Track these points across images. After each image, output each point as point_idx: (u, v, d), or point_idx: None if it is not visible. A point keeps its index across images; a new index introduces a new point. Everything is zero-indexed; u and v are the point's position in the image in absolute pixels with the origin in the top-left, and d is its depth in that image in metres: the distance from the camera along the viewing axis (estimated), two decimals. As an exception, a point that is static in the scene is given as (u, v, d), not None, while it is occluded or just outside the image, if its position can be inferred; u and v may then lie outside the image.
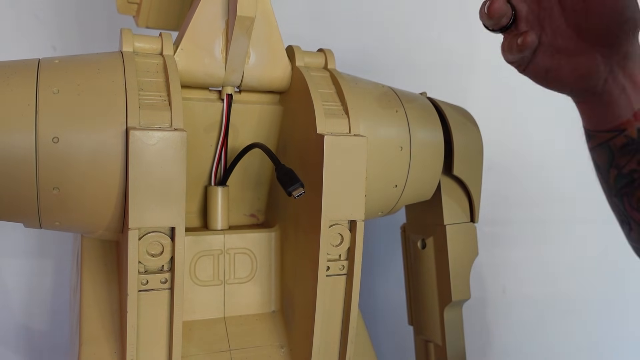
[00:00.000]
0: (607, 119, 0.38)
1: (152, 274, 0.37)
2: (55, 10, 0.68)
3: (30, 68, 0.36)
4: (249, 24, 0.39)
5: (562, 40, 0.38)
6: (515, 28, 0.40)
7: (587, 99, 0.39)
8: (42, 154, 0.34)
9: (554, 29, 0.38)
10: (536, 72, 0.40)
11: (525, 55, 0.39)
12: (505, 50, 0.41)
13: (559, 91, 0.41)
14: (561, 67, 0.39)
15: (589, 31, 0.36)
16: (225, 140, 0.44)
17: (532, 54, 0.39)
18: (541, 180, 0.82)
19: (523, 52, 0.39)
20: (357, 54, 0.72)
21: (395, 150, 0.45)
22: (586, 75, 0.38)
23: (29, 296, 0.71)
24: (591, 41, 0.36)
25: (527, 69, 0.40)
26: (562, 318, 0.83)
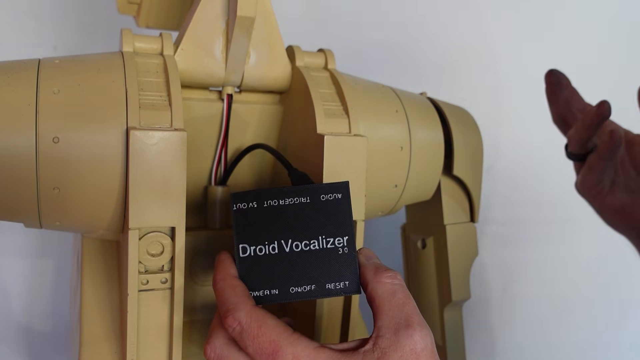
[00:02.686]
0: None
1: (152, 273, 0.37)
2: (55, 10, 0.68)
3: (30, 68, 0.36)
4: (249, 24, 0.39)
5: (635, 185, 0.38)
6: (595, 157, 0.39)
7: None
8: (42, 154, 0.34)
9: (625, 175, 0.38)
10: (612, 205, 0.40)
11: (604, 185, 0.39)
12: (586, 172, 0.40)
13: (627, 233, 0.41)
14: (637, 206, 0.39)
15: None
16: (225, 140, 0.44)
17: (610, 186, 0.39)
18: (541, 180, 0.82)
19: (612, 149, 0.39)
20: (357, 54, 0.72)
21: (395, 150, 0.45)
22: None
23: (29, 296, 0.71)
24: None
25: (603, 202, 0.40)
26: (563, 318, 0.83)
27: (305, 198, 0.34)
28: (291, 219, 0.33)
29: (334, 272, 0.33)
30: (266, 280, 0.33)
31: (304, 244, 0.33)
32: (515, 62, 0.80)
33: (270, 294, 0.33)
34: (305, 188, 0.34)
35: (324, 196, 0.34)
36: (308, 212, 0.33)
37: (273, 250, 0.33)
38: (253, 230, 0.33)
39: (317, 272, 0.33)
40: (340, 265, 0.33)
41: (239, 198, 0.33)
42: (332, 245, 0.33)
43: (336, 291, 0.33)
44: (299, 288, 0.33)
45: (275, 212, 0.33)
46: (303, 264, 0.33)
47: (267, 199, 0.33)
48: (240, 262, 0.33)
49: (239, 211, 0.33)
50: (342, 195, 0.34)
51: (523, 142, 0.81)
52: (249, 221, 0.33)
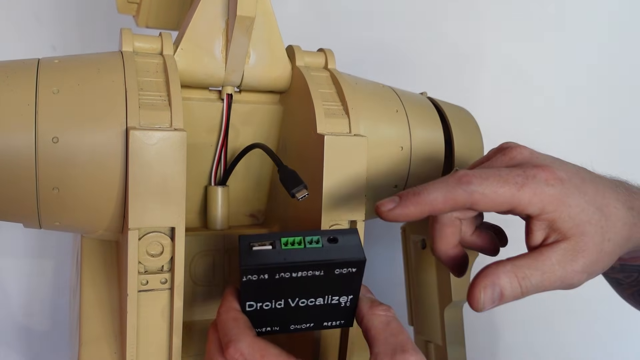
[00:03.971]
0: None
1: (152, 274, 0.37)
2: (55, 10, 0.68)
3: (29, 68, 0.36)
4: (249, 24, 0.39)
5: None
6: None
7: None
8: (42, 154, 0.34)
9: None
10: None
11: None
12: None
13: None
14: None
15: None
16: (225, 140, 0.44)
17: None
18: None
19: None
20: (357, 54, 0.72)
21: (395, 150, 0.45)
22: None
23: (29, 296, 0.71)
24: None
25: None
26: (563, 318, 0.83)
27: (319, 272, 0.32)
28: (301, 287, 0.33)
29: (334, 316, 0.35)
30: (268, 323, 0.35)
31: (309, 301, 0.34)
32: (515, 62, 0.80)
33: (271, 330, 0.35)
34: (321, 263, 0.32)
35: (338, 270, 0.33)
36: (319, 284, 0.33)
37: (279, 305, 0.34)
38: (261, 294, 0.33)
39: (317, 315, 0.35)
40: (339, 312, 0.35)
41: (250, 270, 0.31)
42: (336, 302, 0.34)
43: (331, 327, 0.36)
44: (298, 326, 0.35)
45: (287, 282, 0.32)
46: (305, 312, 0.35)
47: (279, 272, 0.32)
48: (246, 312, 0.34)
49: (249, 282, 0.32)
50: (357, 270, 0.33)
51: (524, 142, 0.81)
52: (257, 289, 0.33)
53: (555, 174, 0.33)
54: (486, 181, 0.32)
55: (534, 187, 0.32)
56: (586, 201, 0.33)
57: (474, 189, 0.32)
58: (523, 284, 0.33)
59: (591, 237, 0.33)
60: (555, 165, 0.34)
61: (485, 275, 0.33)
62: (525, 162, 0.35)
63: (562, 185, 0.33)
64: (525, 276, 0.33)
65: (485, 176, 0.33)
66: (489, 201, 0.32)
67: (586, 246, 0.33)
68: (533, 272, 0.33)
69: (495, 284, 0.33)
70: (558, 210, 0.33)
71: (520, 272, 0.33)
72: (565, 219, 0.33)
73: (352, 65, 0.51)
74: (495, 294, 0.33)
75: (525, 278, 0.33)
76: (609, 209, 0.34)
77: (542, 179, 0.33)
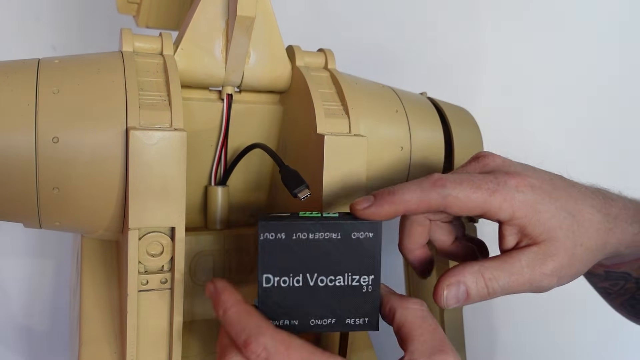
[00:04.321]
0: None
1: (152, 274, 0.37)
2: (55, 10, 0.68)
3: (30, 68, 0.36)
4: (249, 24, 0.39)
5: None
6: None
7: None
8: (42, 154, 0.34)
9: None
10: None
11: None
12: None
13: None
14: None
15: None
16: (225, 140, 0.44)
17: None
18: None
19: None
20: (357, 54, 0.72)
21: (395, 150, 0.45)
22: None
23: (29, 296, 0.71)
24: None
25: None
26: (563, 318, 0.83)
27: (336, 234, 0.33)
28: (319, 254, 0.33)
29: (356, 308, 0.33)
30: (287, 311, 0.33)
31: (329, 279, 0.33)
32: (515, 62, 0.80)
33: (289, 325, 0.33)
34: (338, 224, 0.33)
35: (355, 234, 0.33)
36: (337, 249, 0.33)
37: (297, 282, 0.33)
38: (278, 262, 0.32)
39: (338, 306, 0.33)
40: (362, 302, 0.34)
41: (267, 227, 0.32)
42: (357, 283, 0.33)
43: (355, 327, 0.34)
44: (319, 321, 0.33)
45: (304, 245, 0.32)
46: (326, 297, 0.33)
47: (296, 232, 0.32)
48: (263, 291, 0.32)
49: (266, 241, 0.32)
50: (374, 234, 0.33)
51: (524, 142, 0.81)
52: (275, 252, 0.32)
53: (525, 180, 0.34)
54: (460, 186, 0.33)
55: (504, 193, 0.33)
56: (557, 207, 0.34)
57: (448, 192, 0.33)
58: (490, 284, 0.33)
59: (562, 241, 0.34)
60: (527, 172, 0.35)
61: (451, 273, 0.34)
62: (497, 169, 0.36)
63: (533, 192, 0.34)
64: (493, 277, 0.33)
65: (459, 181, 0.33)
66: (462, 205, 0.33)
67: (556, 250, 0.34)
68: (500, 273, 0.34)
69: (461, 283, 0.33)
70: (528, 215, 0.34)
71: (487, 272, 0.34)
72: (535, 224, 0.34)
73: (352, 65, 0.51)
74: (460, 292, 0.34)
75: (492, 279, 0.33)
76: (581, 214, 0.35)
77: (513, 186, 0.34)
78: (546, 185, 0.35)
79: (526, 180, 0.34)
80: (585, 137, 0.82)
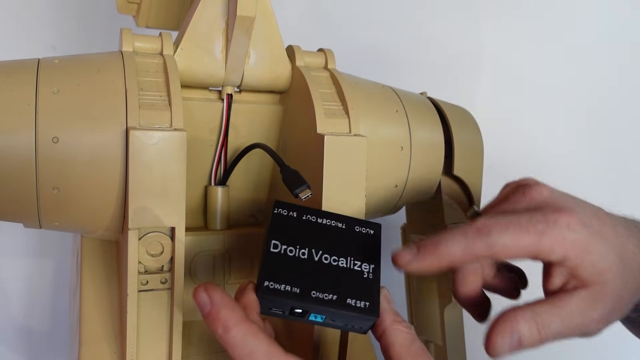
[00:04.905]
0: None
1: (152, 274, 0.37)
2: (54, 9, 0.68)
3: (29, 68, 0.36)
4: (249, 24, 0.39)
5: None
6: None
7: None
8: (42, 154, 0.34)
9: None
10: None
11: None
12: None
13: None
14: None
15: None
16: (225, 140, 0.44)
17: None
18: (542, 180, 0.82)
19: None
20: (357, 54, 0.72)
21: (395, 150, 0.45)
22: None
23: (29, 296, 0.71)
24: None
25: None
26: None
27: (341, 224, 0.36)
28: (325, 235, 0.35)
29: (357, 290, 0.33)
30: (290, 277, 0.32)
31: (332, 258, 0.34)
32: (515, 62, 0.80)
33: (290, 291, 0.32)
34: (343, 216, 0.36)
35: (358, 228, 0.36)
36: (341, 236, 0.35)
37: (303, 255, 0.34)
38: (287, 233, 0.34)
39: (340, 284, 0.33)
40: (363, 286, 0.34)
41: (281, 205, 0.35)
42: (358, 268, 0.34)
43: (356, 309, 0.33)
44: (320, 294, 0.32)
45: (312, 226, 0.35)
46: (328, 274, 0.33)
47: (306, 214, 0.35)
48: (269, 255, 0.33)
49: (279, 215, 0.35)
50: (374, 232, 0.36)
51: (525, 142, 0.81)
52: (285, 225, 0.34)
53: (577, 217, 0.32)
54: (507, 231, 0.31)
55: (555, 233, 0.31)
56: (607, 247, 0.32)
57: (495, 241, 0.31)
58: (542, 331, 0.32)
59: (610, 285, 0.32)
60: (577, 207, 0.33)
61: (504, 320, 0.32)
62: (545, 204, 0.34)
63: (585, 230, 0.32)
64: (545, 323, 0.32)
65: (505, 225, 0.32)
66: (510, 252, 0.32)
67: (605, 294, 0.32)
68: (552, 318, 0.32)
69: (515, 331, 0.32)
70: (580, 257, 0.32)
71: (539, 319, 0.32)
72: (587, 266, 0.32)
73: (352, 65, 0.51)
74: (513, 340, 0.32)
75: (544, 325, 0.32)
76: (626, 254, 0.33)
77: (564, 224, 0.32)
78: (595, 221, 0.33)
79: (578, 217, 0.32)
80: (586, 136, 0.82)
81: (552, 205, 0.33)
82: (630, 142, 0.83)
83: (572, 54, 0.81)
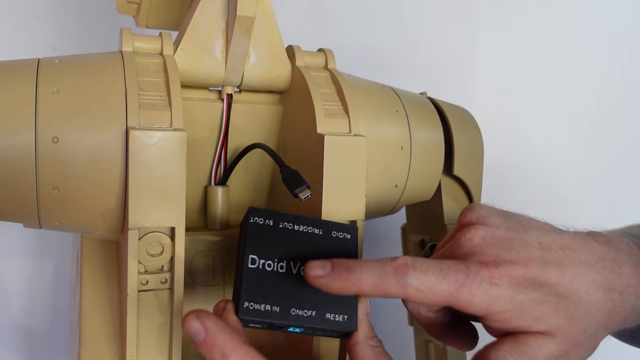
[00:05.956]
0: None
1: (152, 274, 0.37)
2: (54, 9, 0.68)
3: (29, 68, 0.36)
4: (249, 24, 0.39)
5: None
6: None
7: None
8: (42, 154, 0.34)
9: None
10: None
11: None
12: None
13: None
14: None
15: None
16: (225, 140, 0.44)
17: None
18: (541, 181, 0.82)
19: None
20: (357, 53, 0.72)
21: (395, 150, 0.45)
22: None
23: (29, 296, 0.71)
24: None
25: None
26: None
27: (318, 230, 0.35)
28: (302, 244, 0.34)
29: (335, 304, 0.34)
30: (269, 296, 0.32)
31: None
32: (515, 63, 0.80)
33: (270, 310, 0.32)
34: (320, 221, 0.36)
35: (334, 233, 0.36)
36: (318, 243, 0.35)
37: (281, 268, 0.33)
38: (265, 245, 0.33)
39: (319, 299, 0.33)
40: (341, 299, 0.34)
41: (257, 213, 0.34)
42: None
43: (335, 323, 0.33)
44: (299, 311, 0.32)
45: (289, 234, 0.34)
46: (307, 289, 0.33)
47: (283, 221, 0.34)
48: (247, 272, 0.32)
49: (255, 224, 0.33)
50: (351, 236, 0.36)
51: (524, 142, 0.81)
52: (262, 236, 0.33)
53: (501, 271, 0.30)
54: (424, 275, 0.30)
55: (474, 287, 0.29)
56: (545, 293, 0.30)
57: (408, 282, 0.30)
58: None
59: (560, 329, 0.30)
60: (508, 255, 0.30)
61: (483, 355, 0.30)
62: (473, 253, 0.31)
63: (510, 283, 0.30)
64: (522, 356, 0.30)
65: (425, 269, 0.30)
66: (424, 297, 0.30)
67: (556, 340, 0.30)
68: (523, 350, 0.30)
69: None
70: (507, 310, 0.29)
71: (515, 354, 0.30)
72: (519, 316, 0.30)
73: (352, 65, 0.51)
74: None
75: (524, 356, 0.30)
76: (578, 295, 0.30)
77: (485, 278, 0.29)
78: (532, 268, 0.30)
79: (502, 270, 0.30)
80: (585, 136, 0.82)
81: (479, 256, 0.31)
82: (630, 142, 0.83)
83: (572, 54, 0.81)
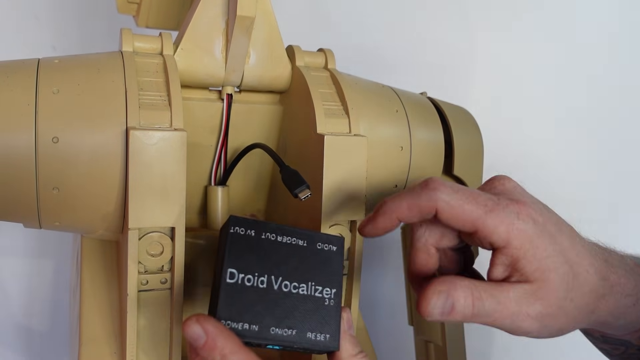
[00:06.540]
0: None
1: (152, 274, 0.37)
2: (54, 9, 0.68)
3: (29, 68, 0.36)
4: (249, 24, 0.39)
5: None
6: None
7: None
8: (42, 154, 0.34)
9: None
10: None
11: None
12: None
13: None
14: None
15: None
16: (225, 140, 0.44)
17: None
18: (541, 181, 0.82)
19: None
20: (357, 53, 0.72)
21: (395, 150, 0.45)
22: None
23: (29, 296, 0.71)
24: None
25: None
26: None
27: (302, 241, 0.33)
28: (285, 257, 0.32)
29: (317, 322, 0.32)
30: (248, 314, 0.31)
31: (293, 285, 0.32)
32: (515, 63, 0.80)
33: (249, 329, 0.30)
34: (304, 232, 0.33)
35: (320, 244, 0.33)
36: (302, 255, 0.33)
37: (262, 283, 0.31)
38: (245, 258, 0.31)
39: (300, 317, 0.32)
40: (324, 316, 0.33)
41: (237, 222, 0.32)
42: (319, 294, 0.33)
43: (316, 343, 0.32)
44: (279, 330, 0.31)
45: (271, 246, 0.32)
46: (288, 305, 0.32)
47: (265, 232, 0.32)
48: (225, 287, 0.30)
49: (235, 235, 0.31)
50: (337, 248, 0.34)
51: (524, 142, 0.81)
52: (242, 248, 0.31)
53: (529, 211, 0.31)
54: (455, 194, 0.31)
55: (502, 215, 0.31)
56: (556, 249, 0.31)
57: (440, 197, 0.31)
58: (476, 304, 0.31)
59: (554, 287, 0.31)
60: (535, 206, 0.32)
61: (443, 281, 0.31)
62: (504, 193, 0.33)
63: (534, 225, 0.31)
64: (481, 298, 0.31)
65: (455, 189, 0.31)
66: (454, 214, 0.31)
67: (547, 295, 0.31)
68: (489, 298, 0.31)
69: (450, 294, 0.31)
70: (524, 247, 0.31)
71: (477, 292, 0.31)
72: (530, 259, 0.31)
73: (352, 65, 0.51)
74: (447, 304, 0.31)
75: (480, 299, 0.31)
76: (579, 268, 0.32)
77: (514, 211, 0.31)
78: (551, 225, 0.32)
79: (529, 210, 0.31)
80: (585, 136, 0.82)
81: (510, 195, 0.33)
82: (630, 142, 0.83)
83: (572, 54, 0.81)
